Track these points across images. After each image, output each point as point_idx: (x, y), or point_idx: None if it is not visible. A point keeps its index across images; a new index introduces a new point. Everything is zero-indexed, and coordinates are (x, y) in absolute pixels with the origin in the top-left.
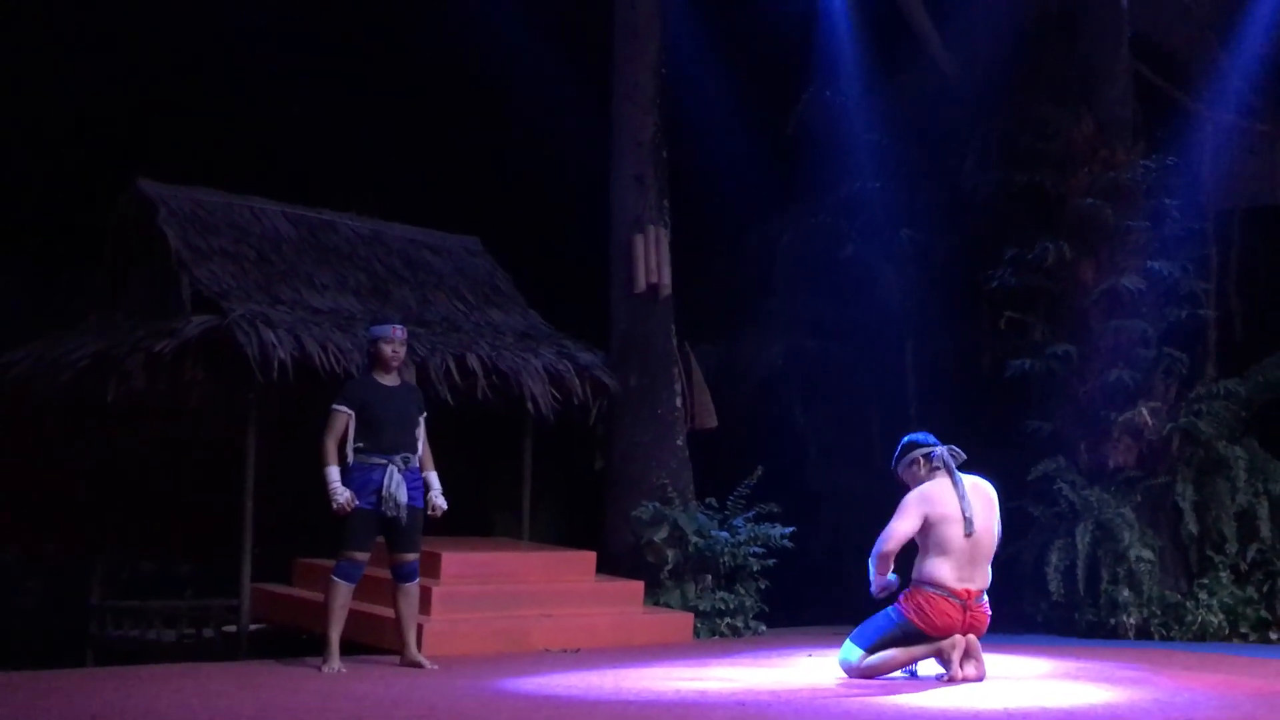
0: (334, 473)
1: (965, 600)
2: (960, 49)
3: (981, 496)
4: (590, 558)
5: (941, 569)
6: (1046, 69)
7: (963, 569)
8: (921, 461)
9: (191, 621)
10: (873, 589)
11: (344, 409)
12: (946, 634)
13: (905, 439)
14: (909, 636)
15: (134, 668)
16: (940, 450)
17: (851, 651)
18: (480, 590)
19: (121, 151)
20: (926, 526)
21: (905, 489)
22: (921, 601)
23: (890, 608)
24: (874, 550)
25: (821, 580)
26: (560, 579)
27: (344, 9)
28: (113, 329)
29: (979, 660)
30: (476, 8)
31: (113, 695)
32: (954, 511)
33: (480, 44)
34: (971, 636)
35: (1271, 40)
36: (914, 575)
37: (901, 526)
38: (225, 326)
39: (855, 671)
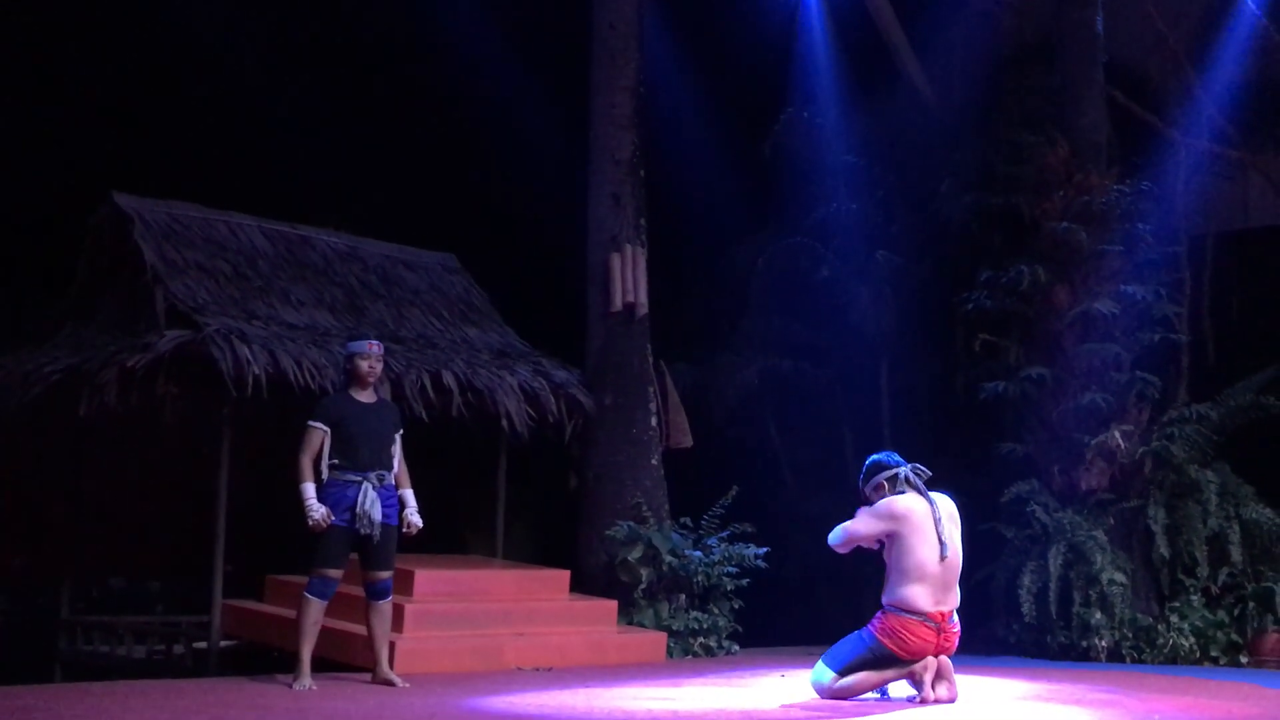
0: (310, 489)
1: (940, 623)
2: (938, 73)
3: (949, 516)
4: (564, 576)
5: (917, 593)
6: (1022, 94)
7: (937, 592)
8: (886, 485)
9: (162, 637)
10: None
11: (320, 426)
12: (920, 658)
13: (870, 459)
14: (881, 660)
15: (103, 684)
16: (905, 470)
17: (823, 673)
18: (453, 608)
19: (97, 165)
20: (898, 543)
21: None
22: (896, 626)
23: (863, 630)
24: (830, 541)
25: (795, 600)
26: (534, 597)
27: (323, 27)
28: (86, 343)
29: (951, 682)
30: (456, 25)
31: (81, 711)
32: (929, 533)
33: (459, 61)
34: (944, 658)
35: (1244, 67)
36: (886, 599)
37: (863, 529)
38: (200, 341)
39: (827, 693)
